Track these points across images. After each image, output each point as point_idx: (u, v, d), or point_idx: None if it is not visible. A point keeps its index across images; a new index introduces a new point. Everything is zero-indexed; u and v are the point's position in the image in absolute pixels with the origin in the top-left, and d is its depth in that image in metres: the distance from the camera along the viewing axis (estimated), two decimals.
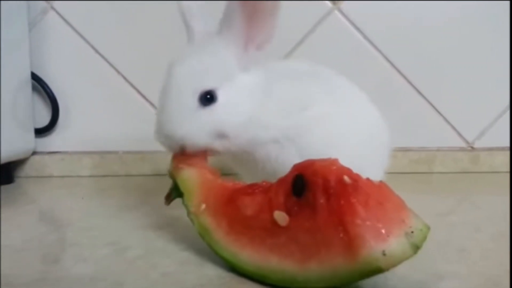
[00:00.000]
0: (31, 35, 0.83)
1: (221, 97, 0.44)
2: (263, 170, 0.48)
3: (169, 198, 0.45)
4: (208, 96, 0.43)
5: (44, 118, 0.86)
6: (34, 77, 0.84)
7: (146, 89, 0.86)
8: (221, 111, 0.44)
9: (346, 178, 0.34)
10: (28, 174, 0.85)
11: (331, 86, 0.51)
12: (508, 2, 0.83)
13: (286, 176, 0.38)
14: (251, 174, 0.50)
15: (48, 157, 0.86)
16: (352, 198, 0.33)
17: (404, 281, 0.36)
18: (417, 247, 0.32)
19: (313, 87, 0.49)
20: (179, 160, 0.45)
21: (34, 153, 0.85)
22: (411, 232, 0.32)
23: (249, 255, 0.37)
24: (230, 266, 0.39)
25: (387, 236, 0.32)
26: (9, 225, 0.54)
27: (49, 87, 0.85)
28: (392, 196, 0.35)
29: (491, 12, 0.84)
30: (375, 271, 0.32)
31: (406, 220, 0.33)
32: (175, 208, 0.47)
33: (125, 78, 0.86)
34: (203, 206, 0.41)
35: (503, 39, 0.84)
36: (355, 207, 0.33)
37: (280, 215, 0.36)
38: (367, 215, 0.33)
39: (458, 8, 0.84)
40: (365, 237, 0.32)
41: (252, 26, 0.44)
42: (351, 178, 0.35)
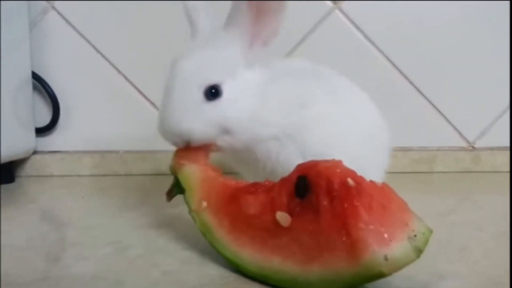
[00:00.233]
0: (32, 35, 0.83)
1: (226, 92, 0.44)
2: (264, 168, 0.48)
3: (170, 194, 0.45)
4: (213, 91, 0.43)
5: (45, 118, 0.86)
6: (35, 77, 0.84)
7: (147, 89, 0.86)
8: (226, 106, 0.44)
9: (350, 180, 0.34)
10: (29, 173, 0.85)
11: (332, 86, 0.51)
12: (508, 2, 0.83)
13: (289, 176, 0.38)
14: (252, 172, 0.50)
15: (49, 156, 0.86)
16: (356, 201, 0.33)
17: (405, 281, 0.36)
18: (420, 250, 0.32)
19: (313, 87, 0.49)
20: (181, 155, 0.44)
21: (35, 152, 0.85)
22: (414, 235, 0.32)
23: (251, 254, 0.37)
24: (232, 265, 0.39)
25: (390, 240, 0.32)
26: (10, 224, 0.54)
27: (50, 87, 0.85)
28: (395, 198, 0.35)
29: (492, 12, 0.84)
30: (377, 275, 0.32)
31: (409, 223, 0.33)
32: (176, 207, 0.47)
33: (126, 78, 0.86)
34: (205, 203, 0.41)
35: (504, 39, 0.84)
36: (359, 210, 0.33)
37: (283, 215, 0.36)
38: (370, 218, 0.32)
39: (459, 8, 0.84)
40: (368, 241, 0.32)
41: (258, 23, 0.44)
42: (355, 180, 0.34)
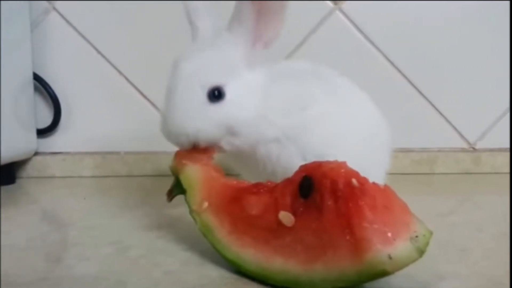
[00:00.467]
0: (33, 36, 0.83)
1: (229, 94, 0.44)
2: (264, 169, 0.48)
3: (171, 194, 0.45)
4: (216, 93, 0.43)
5: (46, 119, 0.86)
6: (36, 78, 0.84)
7: (148, 90, 0.86)
8: (230, 108, 0.44)
9: (354, 181, 0.35)
10: (30, 174, 0.85)
11: (332, 86, 0.51)
12: (508, 2, 0.83)
13: (293, 176, 0.38)
14: (252, 173, 0.50)
15: (50, 157, 0.86)
16: (360, 201, 0.34)
17: (406, 281, 0.36)
18: (422, 251, 0.32)
19: (314, 87, 0.49)
20: (183, 155, 0.44)
21: (36, 153, 0.85)
22: (416, 236, 0.32)
23: (253, 255, 0.37)
24: (233, 265, 0.39)
25: (394, 239, 0.32)
26: (12, 224, 0.54)
27: (51, 88, 0.85)
28: (397, 200, 0.35)
29: (493, 12, 0.84)
30: (381, 274, 0.32)
31: (411, 224, 0.33)
32: (177, 207, 0.47)
33: (127, 79, 0.86)
34: (206, 204, 0.41)
35: (505, 40, 0.84)
36: (363, 210, 0.33)
37: (286, 215, 0.36)
38: (375, 218, 0.33)
39: (459, 8, 0.84)
40: (372, 240, 0.32)
41: (261, 23, 0.44)
42: (359, 181, 0.35)
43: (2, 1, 0.72)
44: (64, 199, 0.71)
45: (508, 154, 0.84)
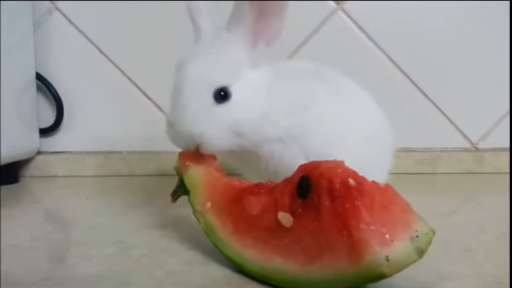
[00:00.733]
0: (36, 36, 0.84)
1: (235, 94, 0.44)
2: (266, 169, 0.48)
3: (175, 195, 0.45)
4: (222, 93, 0.43)
5: (49, 118, 0.86)
6: (39, 78, 0.84)
7: (150, 90, 0.86)
8: (236, 108, 0.44)
9: (351, 180, 0.34)
10: (33, 173, 0.85)
11: (334, 86, 0.51)
12: (509, 2, 0.83)
13: (292, 176, 0.38)
14: (254, 173, 0.50)
15: (53, 156, 0.86)
16: (357, 201, 0.33)
17: (408, 281, 0.36)
18: (422, 251, 0.32)
19: (316, 87, 0.49)
20: (186, 156, 0.44)
21: (39, 152, 0.86)
22: (416, 236, 0.32)
23: (253, 255, 0.37)
24: (235, 265, 0.39)
25: (391, 241, 0.31)
26: (14, 224, 0.55)
27: (54, 88, 0.86)
28: (398, 199, 0.34)
29: (495, 12, 0.84)
30: (379, 276, 0.32)
31: (412, 223, 0.32)
32: (180, 207, 0.47)
33: (130, 79, 0.86)
34: (209, 204, 0.41)
35: (508, 40, 0.84)
36: (360, 211, 0.33)
37: (285, 216, 0.36)
38: (372, 219, 0.32)
39: (462, 8, 0.84)
40: (369, 241, 0.32)
41: (261, 22, 0.44)
42: (356, 180, 0.34)
43: (5, 1, 0.72)
44: (67, 198, 0.71)
45: None
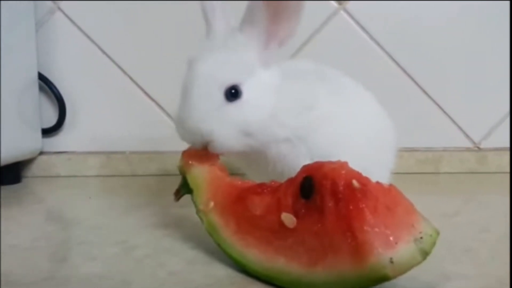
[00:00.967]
0: (38, 36, 0.84)
1: (246, 93, 0.43)
2: (273, 169, 0.47)
3: (178, 194, 0.45)
4: (233, 91, 0.43)
5: (51, 119, 0.87)
6: (41, 78, 0.84)
7: (152, 90, 0.86)
8: (246, 107, 0.43)
9: (355, 182, 0.34)
10: (35, 173, 0.86)
11: (338, 86, 0.51)
12: (509, 2, 0.83)
13: (295, 177, 0.38)
14: (260, 173, 0.49)
15: (55, 156, 0.86)
16: (361, 203, 0.33)
17: (411, 281, 0.36)
18: (426, 253, 0.32)
19: (322, 88, 0.49)
20: (189, 155, 0.44)
21: (41, 152, 0.86)
22: (420, 237, 0.32)
23: (256, 255, 0.37)
24: (238, 265, 0.39)
25: (395, 243, 0.31)
26: (17, 224, 0.55)
27: (56, 88, 0.86)
28: (402, 200, 0.34)
29: (497, 12, 0.83)
30: (383, 278, 0.31)
31: (416, 224, 0.32)
32: (182, 207, 0.47)
33: (132, 79, 0.86)
34: (212, 203, 0.41)
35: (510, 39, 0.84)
36: (364, 212, 0.33)
37: (288, 217, 0.36)
38: (376, 221, 0.32)
39: (464, 8, 0.83)
40: (373, 244, 0.32)
41: (275, 23, 0.44)
42: (360, 182, 0.34)
43: (8, 1, 0.72)
44: (69, 198, 0.71)
45: None
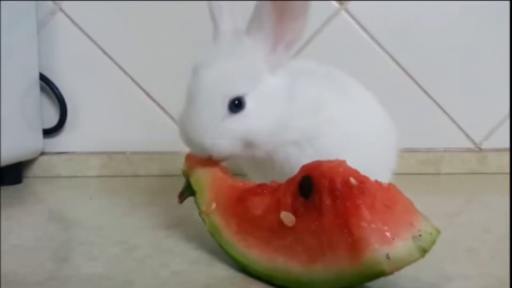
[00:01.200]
0: (39, 36, 0.84)
1: (249, 103, 0.43)
2: (280, 172, 0.47)
3: (182, 196, 0.46)
4: (237, 102, 0.43)
5: (52, 119, 0.87)
6: (42, 78, 0.84)
7: (154, 91, 0.86)
8: (249, 119, 0.43)
9: (352, 180, 0.34)
10: (36, 174, 0.86)
11: (342, 87, 0.51)
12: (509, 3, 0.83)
13: (294, 176, 0.38)
14: (265, 175, 0.48)
15: (56, 157, 0.86)
16: (358, 200, 0.33)
17: (413, 282, 0.36)
18: (425, 250, 0.32)
19: (328, 89, 0.49)
20: (193, 159, 0.45)
21: (42, 153, 0.86)
22: (419, 235, 0.32)
23: (256, 254, 0.37)
24: (239, 265, 0.39)
25: (393, 239, 0.32)
26: (18, 224, 0.55)
27: (57, 88, 0.86)
28: (401, 198, 0.34)
29: (497, 12, 0.83)
30: (379, 274, 0.32)
31: (415, 223, 0.32)
32: (184, 207, 0.47)
33: (133, 79, 0.86)
34: (214, 205, 0.41)
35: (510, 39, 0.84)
36: (361, 209, 0.33)
37: (287, 215, 0.36)
38: (373, 217, 0.32)
39: (464, 8, 0.83)
40: (370, 239, 0.32)
41: (282, 26, 0.43)
42: (358, 180, 0.34)
43: (9, 2, 0.72)
44: (71, 198, 0.71)
45: None
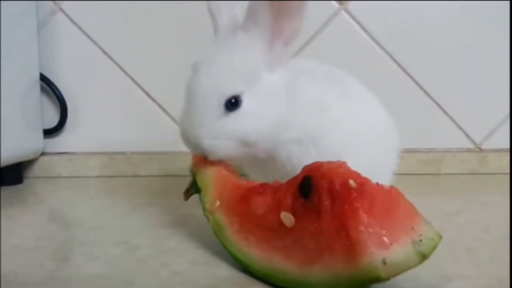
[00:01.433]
0: (40, 36, 0.84)
1: (246, 102, 0.43)
2: (281, 171, 0.47)
3: (188, 193, 0.46)
4: (233, 101, 0.42)
5: (53, 119, 0.87)
6: (43, 78, 0.84)
7: (154, 91, 0.86)
8: (246, 118, 0.43)
9: (352, 182, 0.34)
10: (37, 174, 0.86)
11: (345, 87, 0.51)
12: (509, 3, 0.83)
13: (296, 177, 0.38)
14: (265, 174, 0.48)
15: (57, 157, 0.86)
16: (356, 203, 0.33)
17: (412, 282, 0.36)
18: (424, 256, 0.31)
19: (331, 89, 0.49)
20: (199, 157, 0.45)
21: (43, 153, 0.86)
22: (420, 240, 0.31)
23: (257, 254, 0.37)
24: (240, 264, 0.39)
25: (390, 244, 0.31)
26: (18, 224, 0.55)
27: (58, 88, 0.86)
28: (402, 201, 0.34)
29: (497, 12, 0.83)
30: (375, 279, 0.31)
31: (416, 227, 0.32)
32: (185, 207, 0.47)
33: (133, 79, 0.86)
34: (218, 203, 0.41)
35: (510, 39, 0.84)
36: (359, 212, 0.33)
37: (286, 216, 0.36)
38: (370, 221, 0.32)
39: (464, 8, 0.83)
40: (367, 244, 0.31)
41: (280, 22, 0.43)
42: (357, 182, 0.34)
43: (9, 2, 0.73)
44: (71, 199, 0.71)
45: None
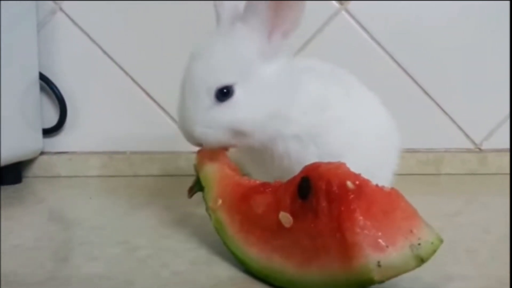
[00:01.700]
0: (40, 36, 0.84)
1: (238, 92, 0.42)
2: (279, 166, 0.47)
3: (192, 191, 0.46)
4: (225, 91, 0.42)
5: (52, 119, 0.87)
6: (42, 78, 0.84)
7: (154, 90, 0.86)
8: (238, 107, 0.43)
9: (349, 183, 0.34)
10: (36, 173, 0.86)
11: (347, 87, 0.51)
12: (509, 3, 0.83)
13: (295, 177, 0.38)
14: (265, 170, 0.48)
15: (56, 157, 0.86)
16: (353, 204, 0.33)
17: (413, 282, 0.36)
18: (422, 259, 0.31)
19: (333, 87, 0.48)
20: (203, 154, 0.45)
21: (42, 153, 0.86)
22: (418, 243, 0.31)
23: (255, 253, 0.37)
24: (240, 263, 0.39)
25: (386, 246, 0.31)
26: (18, 224, 0.55)
27: (57, 88, 0.86)
28: (402, 204, 0.34)
29: (497, 12, 0.83)
30: (369, 281, 0.31)
31: (415, 230, 0.32)
32: (185, 207, 0.47)
33: (133, 79, 0.86)
34: (220, 201, 0.42)
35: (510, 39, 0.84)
36: (355, 214, 0.32)
37: (285, 216, 0.36)
38: (367, 223, 0.32)
39: (464, 8, 0.83)
40: (362, 246, 0.31)
41: (278, 13, 0.42)
42: (356, 183, 0.34)
43: (9, 2, 0.72)
44: (71, 198, 0.71)
45: None
